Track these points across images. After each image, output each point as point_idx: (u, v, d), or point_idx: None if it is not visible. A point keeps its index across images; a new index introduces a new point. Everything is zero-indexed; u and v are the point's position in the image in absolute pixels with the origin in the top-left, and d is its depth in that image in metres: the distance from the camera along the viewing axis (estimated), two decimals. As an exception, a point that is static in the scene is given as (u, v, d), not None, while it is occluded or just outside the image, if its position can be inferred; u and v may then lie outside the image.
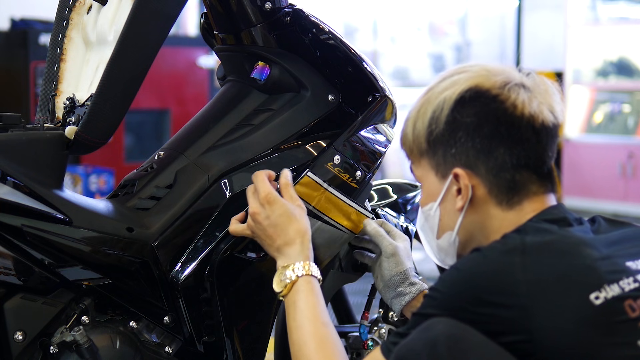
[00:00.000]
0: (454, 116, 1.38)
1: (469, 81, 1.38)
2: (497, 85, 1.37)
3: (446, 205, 1.42)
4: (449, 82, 1.40)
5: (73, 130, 1.64)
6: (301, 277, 1.53)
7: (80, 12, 1.85)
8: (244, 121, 1.80)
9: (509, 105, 1.36)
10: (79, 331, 1.59)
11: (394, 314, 2.08)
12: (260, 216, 1.57)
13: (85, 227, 1.62)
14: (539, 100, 1.38)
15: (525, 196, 1.38)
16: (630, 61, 7.39)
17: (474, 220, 1.41)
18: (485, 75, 1.39)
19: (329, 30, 1.83)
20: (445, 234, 1.44)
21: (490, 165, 1.37)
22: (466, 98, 1.37)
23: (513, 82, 1.38)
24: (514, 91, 1.37)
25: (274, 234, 1.56)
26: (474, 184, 1.38)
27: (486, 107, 1.36)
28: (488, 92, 1.37)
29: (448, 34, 8.76)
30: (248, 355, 1.77)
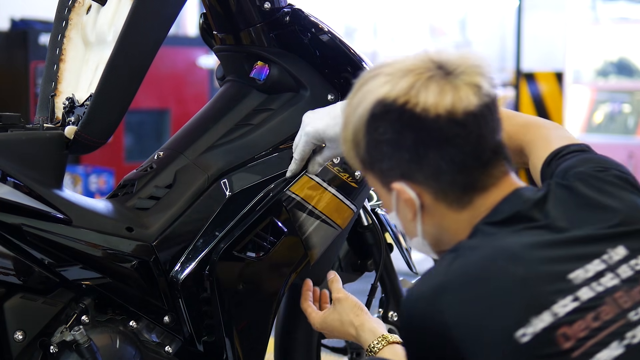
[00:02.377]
0: (371, 136, 1.28)
1: (374, 94, 1.27)
2: (403, 92, 1.25)
3: (402, 214, 1.34)
4: (359, 96, 1.30)
5: (73, 130, 1.64)
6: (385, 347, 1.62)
7: (79, 13, 1.85)
8: (243, 121, 1.81)
9: (420, 110, 1.24)
10: (79, 331, 1.59)
11: (394, 313, 2.08)
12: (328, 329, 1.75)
13: (85, 227, 1.62)
14: (456, 85, 1.25)
15: (474, 193, 1.28)
16: (630, 61, 7.40)
17: (433, 224, 1.32)
18: (390, 81, 1.26)
19: (328, 30, 1.83)
20: (413, 238, 1.37)
21: (426, 172, 1.27)
22: (377, 115, 1.26)
23: (423, 77, 1.25)
24: (422, 91, 1.25)
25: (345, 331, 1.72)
26: (418, 192, 1.29)
27: (399, 120, 1.25)
28: (395, 103, 1.25)
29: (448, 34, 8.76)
30: (248, 355, 1.77)
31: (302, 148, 1.71)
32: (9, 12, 5.34)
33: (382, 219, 2.03)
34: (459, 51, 1.31)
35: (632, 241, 1.25)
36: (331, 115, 1.69)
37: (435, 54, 1.29)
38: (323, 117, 1.69)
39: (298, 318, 2.02)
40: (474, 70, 1.27)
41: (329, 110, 1.70)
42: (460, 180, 1.27)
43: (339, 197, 1.80)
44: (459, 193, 1.28)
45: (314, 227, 1.78)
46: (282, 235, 1.76)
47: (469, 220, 1.29)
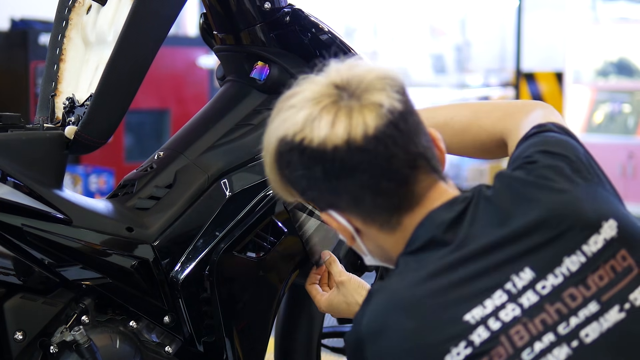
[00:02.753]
0: (282, 173, 1.25)
1: (277, 131, 1.23)
2: (298, 128, 1.20)
3: (343, 237, 1.31)
4: (268, 132, 1.26)
5: (73, 130, 1.64)
6: None
7: (79, 13, 1.85)
8: (243, 121, 1.81)
9: (318, 145, 1.19)
10: (79, 331, 1.59)
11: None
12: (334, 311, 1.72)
13: (85, 227, 1.62)
14: (352, 109, 1.19)
15: (400, 213, 1.23)
16: (630, 61, 7.39)
17: (373, 244, 1.28)
18: (290, 117, 1.22)
19: (328, 30, 1.83)
20: (365, 257, 1.34)
21: (346, 200, 1.23)
22: (283, 153, 1.23)
23: (317, 108, 1.21)
24: (316, 125, 1.19)
25: (352, 313, 1.68)
26: (348, 219, 1.25)
27: (303, 156, 1.21)
28: (293, 141, 1.20)
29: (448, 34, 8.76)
30: (248, 355, 1.77)
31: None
32: (9, 12, 5.34)
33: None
34: (363, 65, 1.25)
35: (539, 259, 1.17)
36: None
37: (338, 74, 1.23)
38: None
39: (298, 318, 2.02)
40: (374, 86, 1.21)
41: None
42: (381, 204, 1.22)
43: None
44: (385, 216, 1.23)
45: (314, 228, 1.78)
46: (282, 235, 1.76)
47: (403, 241, 1.24)
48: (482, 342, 1.14)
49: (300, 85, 1.26)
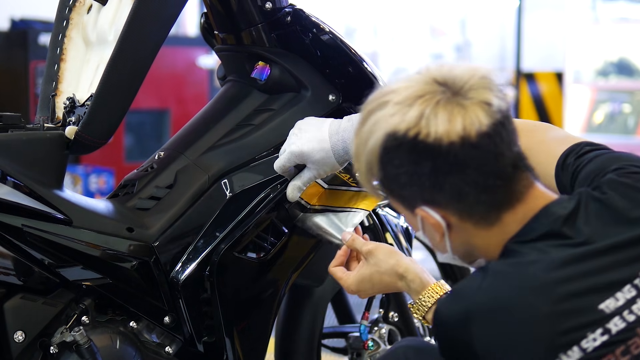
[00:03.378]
0: (386, 169, 1.26)
1: (384, 126, 1.25)
2: (413, 123, 1.23)
3: (429, 234, 1.33)
4: (368, 127, 1.27)
5: (73, 130, 1.64)
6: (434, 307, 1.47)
7: (80, 12, 1.85)
8: (244, 121, 1.80)
9: (433, 140, 1.22)
10: (79, 331, 1.59)
11: (394, 314, 2.08)
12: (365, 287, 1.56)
13: (85, 227, 1.62)
14: (465, 106, 1.23)
15: (500, 210, 1.27)
16: (630, 61, 7.40)
17: (462, 241, 1.31)
18: (399, 111, 1.24)
19: (329, 30, 1.82)
20: (443, 255, 1.36)
21: (448, 196, 1.25)
22: (390, 149, 1.25)
23: (431, 104, 1.23)
24: (432, 120, 1.22)
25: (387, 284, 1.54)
26: (443, 215, 1.27)
27: (413, 152, 1.23)
28: (406, 136, 1.23)
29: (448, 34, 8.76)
30: (248, 355, 1.76)
31: (282, 162, 1.69)
32: (9, 12, 5.34)
33: (383, 219, 2.03)
34: (462, 65, 1.28)
35: None
36: (318, 139, 1.67)
37: (438, 72, 1.26)
38: (311, 140, 1.67)
39: (299, 318, 2.02)
40: (481, 85, 1.25)
41: (316, 133, 1.67)
42: (484, 200, 1.26)
43: (342, 189, 1.79)
44: (484, 212, 1.27)
45: (324, 220, 1.78)
46: (283, 236, 1.76)
47: (499, 236, 1.28)
48: (618, 332, 1.19)
49: (395, 83, 1.28)
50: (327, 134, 1.67)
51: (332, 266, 1.61)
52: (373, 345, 2.00)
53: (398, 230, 2.03)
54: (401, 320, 2.09)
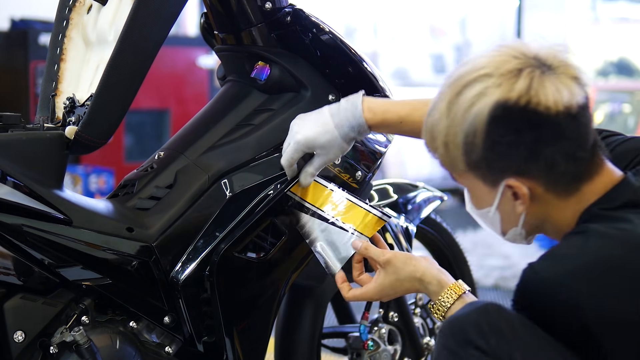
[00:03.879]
0: (490, 139, 1.32)
1: (493, 95, 1.31)
2: (523, 91, 1.29)
3: (504, 208, 1.39)
4: (470, 96, 1.32)
5: (73, 130, 1.64)
6: (457, 302, 1.53)
7: (80, 12, 1.85)
8: (244, 121, 1.80)
9: (543, 108, 1.29)
10: (79, 331, 1.59)
11: (394, 314, 2.08)
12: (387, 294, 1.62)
13: (85, 227, 1.62)
14: (563, 80, 1.31)
15: (581, 181, 1.35)
16: (630, 61, 7.39)
17: (537, 213, 1.38)
18: (505, 82, 1.31)
19: (329, 30, 1.82)
20: (510, 230, 1.43)
21: (541, 166, 1.32)
22: (498, 117, 1.30)
23: (535, 75, 1.30)
24: (541, 90, 1.29)
25: (407, 288, 1.60)
26: (529, 187, 1.34)
27: (522, 120, 1.30)
28: (517, 104, 1.29)
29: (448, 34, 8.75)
30: (248, 355, 1.76)
31: (290, 155, 1.70)
32: (9, 12, 5.34)
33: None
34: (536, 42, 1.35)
35: None
36: (320, 122, 1.68)
37: (524, 48, 1.34)
38: (313, 125, 1.68)
39: (298, 318, 2.02)
40: (566, 62, 1.33)
41: (318, 117, 1.69)
42: (570, 171, 1.34)
43: (350, 199, 1.79)
44: (567, 183, 1.35)
45: (321, 229, 1.77)
46: (283, 235, 1.76)
47: (575, 206, 1.36)
48: None
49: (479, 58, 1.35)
50: (328, 116, 1.68)
51: (355, 278, 1.67)
52: (373, 345, 2.00)
53: (398, 230, 2.03)
54: (401, 320, 2.09)
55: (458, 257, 2.37)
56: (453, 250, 2.35)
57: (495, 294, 4.04)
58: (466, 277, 2.36)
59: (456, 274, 2.35)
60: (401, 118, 1.66)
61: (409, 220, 2.08)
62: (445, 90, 1.37)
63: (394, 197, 2.12)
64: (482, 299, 1.62)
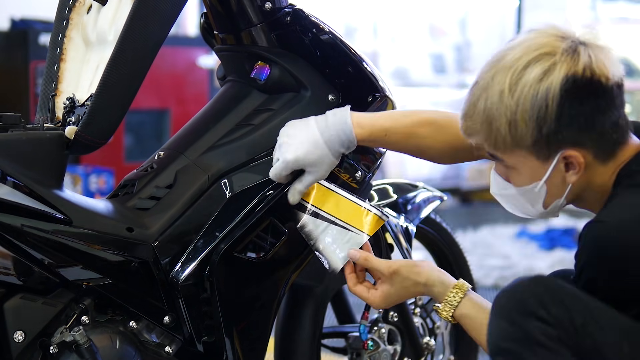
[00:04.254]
0: (561, 109, 1.41)
1: (561, 71, 1.41)
2: (587, 65, 1.41)
3: (552, 180, 1.47)
4: (535, 74, 1.42)
5: (73, 130, 1.64)
6: (463, 300, 1.59)
7: (80, 12, 1.85)
8: (244, 121, 1.80)
9: (604, 80, 1.41)
10: (79, 331, 1.59)
11: (394, 314, 2.08)
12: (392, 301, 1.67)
13: (85, 227, 1.62)
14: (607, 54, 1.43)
15: (618, 147, 1.46)
16: (630, 61, 7.39)
17: (584, 181, 1.47)
18: (567, 59, 1.41)
19: (329, 30, 1.82)
20: (552, 202, 1.49)
21: (594, 136, 1.43)
22: (569, 90, 1.40)
23: (590, 50, 1.42)
24: (600, 63, 1.41)
25: (413, 293, 1.66)
26: (582, 155, 1.44)
27: (588, 90, 1.41)
28: (584, 77, 1.40)
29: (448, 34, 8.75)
30: (248, 355, 1.76)
31: (279, 172, 1.70)
32: (9, 12, 5.34)
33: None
34: (565, 25, 1.46)
35: None
36: (310, 140, 1.68)
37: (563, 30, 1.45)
38: (303, 142, 1.68)
39: (298, 318, 2.02)
40: (602, 40, 1.44)
41: (307, 134, 1.69)
42: (614, 137, 1.45)
43: (349, 198, 1.79)
44: (611, 149, 1.45)
45: (321, 229, 1.77)
46: (283, 235, 1.76)
47: (613, 169, 1.46)
48: None
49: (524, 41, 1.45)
50: (318, 133, 1.68)
51: (353, 285, 1.68)
52: (373, 345, 2.00)
53: (398, 230, 2.03)
54: (401, 320, 2.09)
55: (458, 257, 2.37)
56: (453, 250, 2.35)
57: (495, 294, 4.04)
58: (466, 277, 2.36)
59: (456, 274, 2.35)
60: (386, 130, 1.70)
61: (408, 220, 2.09)
62: (498, 74, 1.44)
63: (394, 197, 2.12)
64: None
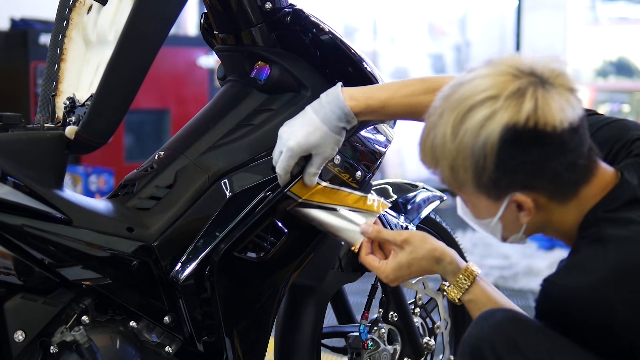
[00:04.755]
0: (501, 160, 1.34)
1: (502, 119, 1.32)
2: (530, 113, 1.32)
3: (506, 217, 1.41)
4: (478, 119, 1.34)
5: (73, 130, 1.64)
6: (473, 284, 1.59)
7: (80, 12, 1.85)
8: (244, 121, 1.80)
9: (550, 128, 1.32)
10: (79, 331, 1.59)
11: (394, 314, 2.08)
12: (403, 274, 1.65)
13: (85, 227, 1.62)
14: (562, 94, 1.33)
15: (580, 186, 1.38)
16: (630, 61, 7.39)
17: (539, 220, 1.41)
18: (510, 105, 1.32)
19: (329, 30, 1.83)
20: (511, 236, 1.46)
21: (546, 180, 1.36)
22: (508, 140, 1.32)
23: (538, 95, 1.32)
24: (546, 109, 1.31)
25: (424, 268, 1.64)
26: (533, 198, 1.38)
27: (531, 140, 1.32)
28: (526, 126, 1.32)
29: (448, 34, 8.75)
30: (248, 355, 1.77)
31: (286, 163, 1.70)
32: (9, 12, 5.34)
33: (383, 219, 2.03)
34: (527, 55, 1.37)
35: None
36: (307, 123, 1.69)
37: (518, 63, 1.35)
38: (301, 127, 1.69)
39: (298, 318, 2.02)
40: (561, 72, 1.35)
41: (302, 119, 1.70)
42: (572, 179, 1.37)
43: (342, 189, 1.80)
44: (569, 189, 1.38)
45: (322, 218, 1.78)
46: (283, 235, 1.76)
47: (577, 209, 1.39)
48: None
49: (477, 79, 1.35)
50: (313, 114, 1.69)
51: (364, 255, 1.69)
52: (372, 345, 2.00)
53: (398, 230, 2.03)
54: (401, 320, 2.09)
55: (458, 257, 2.37)
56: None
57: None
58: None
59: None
60: (383, 102, 1.67)
61: (408, 220, 2.09)
62: (445, 113, 1.37)
63: (394, 197, 2.12)
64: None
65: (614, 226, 1.34)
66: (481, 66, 1.38)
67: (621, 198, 1.37)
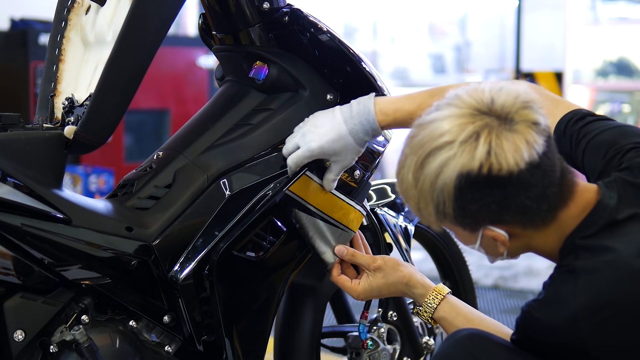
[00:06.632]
0: (459, 204, 1.35)
1: (455, 167, 1.32)
2: (483, 159, 1.31)
3: (486, 246, 1.43)
4: (434, 167, 1.34)
5: (72, 130, 1.65)
6: (441, 303, 1.67)
7: (78, 13, 1.85)
8: (242, 121, 1.81)
9: (504, 172, 1.31)
10: (79, 330, 1.60)
11: (393, 313, 2.08)
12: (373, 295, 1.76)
13: (84, 227, 1.62)
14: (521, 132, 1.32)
15: (556, 210, 1.37)
16: (630, 61, 7.39)
17: (521, 245, 1.42)
18: (465, 150, 1.32)
19: (327, 30, 1.83)
20: (496, 259, 1.47)
21: (513, 213, 1.35)
22: (463, 187, 1.33)
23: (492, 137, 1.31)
24: (500, 153, 1.31)
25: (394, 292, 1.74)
26: (506, 230, 1.38)
27: (486, 185, 1.32)
28: (480, 173, 1.31)
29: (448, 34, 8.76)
30: (247, 354, 1.77)
31: (301, 160, 1.71)
32: (9, 12, 5.35)
33: (382, 219, 2.03)
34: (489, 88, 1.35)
35: None
36: (335, 130, 1.69)
37: (476, 101, 1.34)
38: (327, 132, 1.69)
39: (298, 318, 2.02)
40: (522, 106, 1.33)
41: (331, 123, 1.69)
42: (544, 207, 1.36)
43: (338, 196, 1.80)
44: (543, 217, 1.37)
45: (311, 224, 1.78)
46: (282, 234, 1.77)
47: (557, 232, 1.39)
48: None
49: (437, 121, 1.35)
50: (342, 122, 1.69)
51: (336, 275, 1.78)
52: (372, 344, 2.01)
53: (397, 230, 2.03)
54: (400, 320, 2.09)
55: (457, 257, 2.37)
56: (452, 250, 2.36)
57: (494, 294, 4.05)
58: (465, 277, 2.37)
59: (455, 274, 2.35)
60: (410, 114, 1.66)
61: (407, 220, 2.09)
62: (409, 157, 1.39)
63: (392, 197, 2.12)
64: (481, 298, 1.65)
65: (588, 255, 1.34)
66: (445, 103, 1.38)
67: (597, 223, 1.37)
